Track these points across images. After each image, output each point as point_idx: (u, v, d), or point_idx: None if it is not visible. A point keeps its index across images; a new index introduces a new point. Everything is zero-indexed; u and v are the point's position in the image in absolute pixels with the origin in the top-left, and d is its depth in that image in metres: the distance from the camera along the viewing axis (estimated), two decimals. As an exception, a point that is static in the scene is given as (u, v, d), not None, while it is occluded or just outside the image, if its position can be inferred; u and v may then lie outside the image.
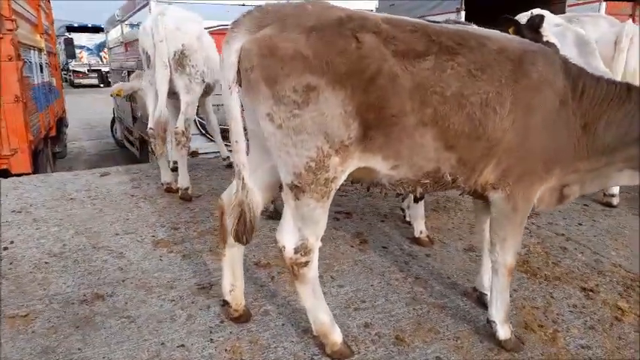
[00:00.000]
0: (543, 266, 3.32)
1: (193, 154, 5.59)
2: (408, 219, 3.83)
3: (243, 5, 6.41)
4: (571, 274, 3.23)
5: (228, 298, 2.52)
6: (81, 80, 27.99)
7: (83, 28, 29.33)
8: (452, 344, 2.45)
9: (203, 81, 4.27)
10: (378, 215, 4.13)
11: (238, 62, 1.98)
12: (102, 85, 26.39)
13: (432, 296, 2.89)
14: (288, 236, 2.19)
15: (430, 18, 8.15)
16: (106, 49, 16.81)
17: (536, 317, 2.72)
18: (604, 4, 9.76)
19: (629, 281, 3.17)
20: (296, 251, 2.17)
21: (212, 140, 5.53)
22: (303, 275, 2.22)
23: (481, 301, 2.80)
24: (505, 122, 2.12)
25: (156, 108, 4.09)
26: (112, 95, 5.13)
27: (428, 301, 2.84)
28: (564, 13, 8.96)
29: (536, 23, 3.24)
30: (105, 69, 24.55)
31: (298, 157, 1.98)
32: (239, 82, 2.02)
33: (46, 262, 3.10)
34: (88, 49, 29.57)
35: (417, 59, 2.00)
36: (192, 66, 4.13)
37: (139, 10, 6.56)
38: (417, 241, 3.55)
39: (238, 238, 2.18)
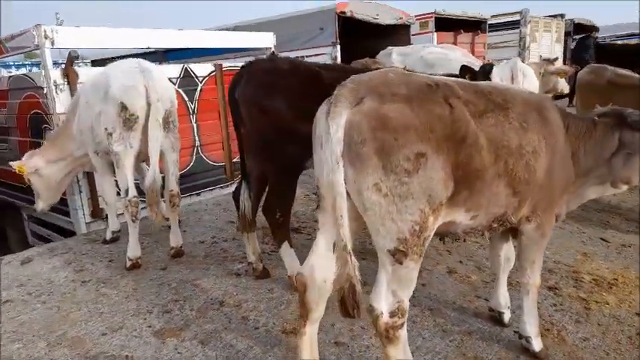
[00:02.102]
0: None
1: None
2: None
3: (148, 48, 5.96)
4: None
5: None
6: None
7: None
8: (504, 366, 2.77)
9: None
10: (360, 253, 4.25)
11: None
12: None
13: (455, 324, 3.18)
14: (383, 302, 2.23)
15: (308, 52, 8.68)
16: None
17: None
18: (435, 34, 11.59)
19: (572, 274, 3.93)
20: (392, 315, 2.23)
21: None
22: (398, 337, 2.28)
23: (498, 320, 3.19)
24: (543, 165, 2.50)
25: (147, 174, 3.74)
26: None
27: (455, 330, 3.12)
28: (410, 43, 10.37)
29: (487, 70, 3.79)
30: None
31: (403, 222, 2.06)
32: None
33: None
34: None
35: (484, 117, 2.26)
36: (173, 122, 3.80)
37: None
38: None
39: (350, 313, 2.15)
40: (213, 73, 6.05)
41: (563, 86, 6.41)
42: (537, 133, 2.46)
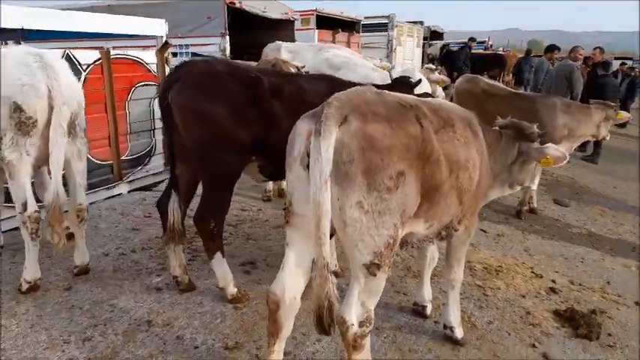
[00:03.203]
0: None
1: None
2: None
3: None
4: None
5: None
6: None
7: None
8: (431, 357, 3.06)
9: None
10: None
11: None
12: None
13: (384, 321, 3.39)
14: (353, 313, 2.30)
15: (195, 40, 8.28)
16: None
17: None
18: (316, 31, 11.95)
19: (467, 263, 4.43)
20: (361, 325, 2.32)
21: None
22: (364, 345, 2.39)
23: (421, 313, 3.50)
24: (477, 175, 2.73)
25: (48, 188, 3.14)
26: None
27: (386, 326, 3.34)
28: (294, 38, 10.52)
29: (414, 84, 3.95)
30: None
31: (379, 236, 2.16)
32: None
33: None
34: None
35: (440, 134, 2.42)
36: (79, 125, 3.25)
37: None
38: (336, 274, 3.93)
39: (326, 330, 2.18)
40: (99, 62, 5.41)
41: (441, 94, 7.16)
42: (474, 147, 2.72)
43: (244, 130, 3.02)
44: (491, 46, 28.95)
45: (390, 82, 4.15)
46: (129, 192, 5.82)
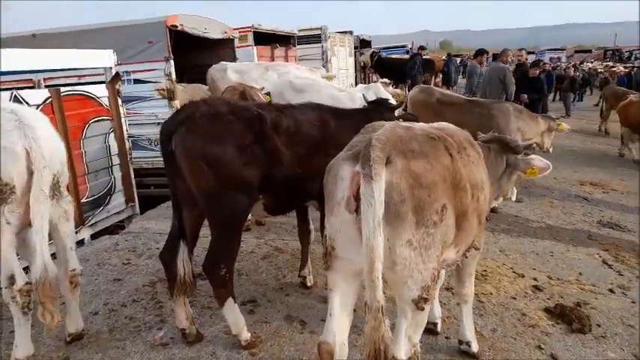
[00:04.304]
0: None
1: None
2: (309, 284, 4.13)
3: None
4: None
5: None
6: None
7: None
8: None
9: None
10: (279, 291, 4.14)
11: None
12: None
13: (401, 344, 3.44)
14: (402, 350, 2.32)
15: (137, 67, 7.91)
16: None
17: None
18: (255, 48, 11.89)
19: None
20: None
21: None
22: None
23: (432, 330, 3.57)
24: (488, 192, 2.84)
25: (34, 262, 2.75)
26: None
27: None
28: (235, 56, 10.38)
29: (394, 106, 4.00)
30: None
31: (426, 271, 2.20)
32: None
33: None
34: None
35: (461, 159, 2.46)
36: (63, 184, 2.93)
37: None
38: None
39: None
40: (49, 100, 5.00)
41: (395, 105, 7.38)
42: (482, 166, 2.81)
43: (253, 169, 2.94)
44: (411, 49, 30.30)
45: (365, 103, 4.21)
46: (92, 236, 5.42)
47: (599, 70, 25.94)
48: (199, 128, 2.79)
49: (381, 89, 5.81)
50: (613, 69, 25.88)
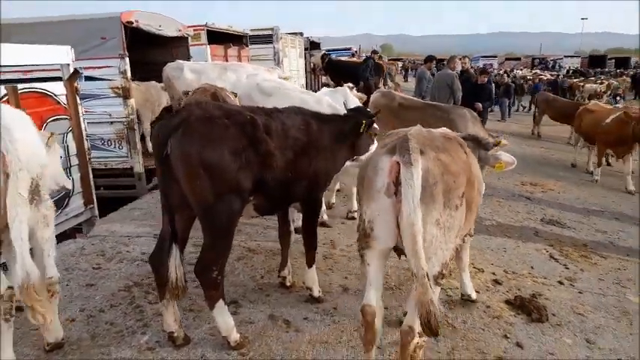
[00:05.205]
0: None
1: None
2: (288, 284, 4.20)
3: None
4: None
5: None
6: None
7: None
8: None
9: None
10: (259, 291, 4.18)
11: None
12: None
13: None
14: (416, 324, 2.54)
15: (89, 63, 7.60)
16: None
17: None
18: (208, 47, 11.73)
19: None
20: (421, 335, 2.60)
21: None
22: (420, 358, 2.74)
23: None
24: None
25: (15, 267, 2.62)
26: None
27: (385, 344, 3.56)
28: (189, 54, 10.21)
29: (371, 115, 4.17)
30: None
31: (447, 250, 2.58)
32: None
33: None
34: None
35: (470, 156, 2.95)
36: (43, 189, 2.81)
37: None
38: (317, 300, 4.04)
39: (434, 332, 2.37)
40: (5, 98, 4.72)
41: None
42: (475, 162, 3.20)
43: (247, 172, 3.01)
44: (356, 52, 30.91)
45: (344, 110, 4.41)
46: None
47: (528, 77, 27.81)
48: (196, 132, 2.81)
49: (349, 93, 5.97)
50: (540, 76, 27.92)
